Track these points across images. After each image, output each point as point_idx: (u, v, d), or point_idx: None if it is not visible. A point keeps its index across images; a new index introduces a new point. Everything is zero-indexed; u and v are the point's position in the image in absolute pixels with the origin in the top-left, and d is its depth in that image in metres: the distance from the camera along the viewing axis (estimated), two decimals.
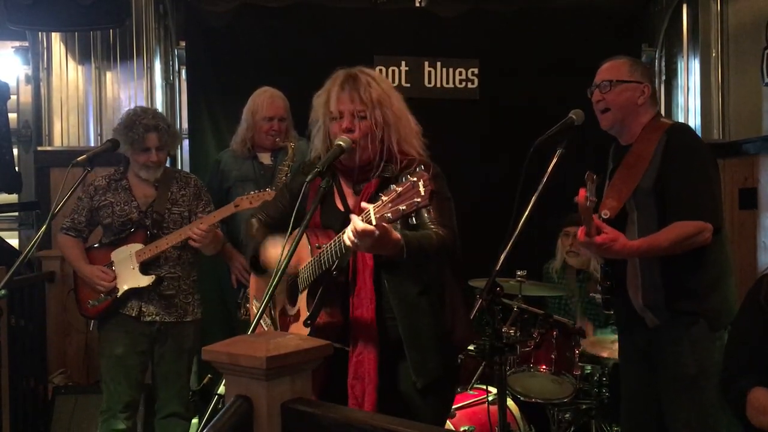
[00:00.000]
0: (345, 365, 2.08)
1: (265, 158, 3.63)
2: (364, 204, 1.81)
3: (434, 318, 2.12)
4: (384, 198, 1.74)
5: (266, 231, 2.30)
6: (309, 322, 2.04)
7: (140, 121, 3.09)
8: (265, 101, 3.57)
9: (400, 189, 1.71)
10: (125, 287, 3.13)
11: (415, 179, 1.69)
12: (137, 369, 3.19)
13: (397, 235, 1.88)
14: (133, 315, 3.14)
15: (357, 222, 1.78)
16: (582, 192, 2.13)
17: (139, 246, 3.14)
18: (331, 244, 1.98)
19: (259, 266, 2.29)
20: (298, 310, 2.16)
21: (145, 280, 3.12)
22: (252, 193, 3.14)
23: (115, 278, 3.13)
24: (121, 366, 3.14)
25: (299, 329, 2.11)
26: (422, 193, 1.67)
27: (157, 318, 3.16)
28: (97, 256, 3.22)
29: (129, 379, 3.15)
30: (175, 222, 3.21)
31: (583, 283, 3.94)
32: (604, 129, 2.61)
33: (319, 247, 2.05)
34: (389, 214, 1.72)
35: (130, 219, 3.16)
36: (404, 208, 1.70)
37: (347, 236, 1.83)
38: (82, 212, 3.21)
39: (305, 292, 2.12)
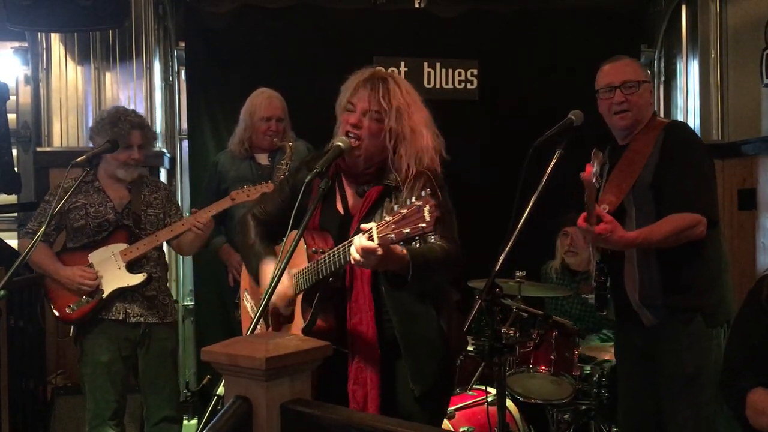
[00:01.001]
0: (341, 368, 2.08)
1: (263, 159, 3.64)
2: (363, 225, 1.81)
3: (431, 325, 2.12)
4: (388, 218, 1.75)
5: (264, 234, 2.28)
6: (307, 330, 2.04)
7: (125, 118, 3.07)
8: (262, 102, 3.57)
9: (404, 211, 1.71)
10: (112, 288, 3.06)
11: (420, 204, 1.69)
12: (122, 374, 3.14)
13: (401, 251, 1.88)
14: (120, 318, 3.09)
15: (362, 240, 1.78)
16: (588, 168, 2.14)
17: (122, 246, 3.09)
18: (330, 254, 1.97)
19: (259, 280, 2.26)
20: (293, 312, 2.15)
21: (135, 279, 3.08)
22: (248, 186, 3.13)
23: (97, 277, 3.05)
24: (107, 373, 3.08)
25: (292, 330, 2.11)
26: (427, 219, 1.68)
27: (142, 319, 3.12)
28: (70, 259, 3.10)
29: (115, 386, 3.11)
30: (152, 223, 3.18)
31: (580, 283, 3.94)
32: (623, 128, 2.58)
33: (316, 252, 2.05)
34: (392, 236, 1.73)
35: (106, 220, 3.10)
36: (408, 231, 1.70)
37: (353, 256, 1.83)
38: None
39: (300, 296, 2.11)
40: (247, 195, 3.08)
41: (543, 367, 3.42)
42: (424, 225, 1.68)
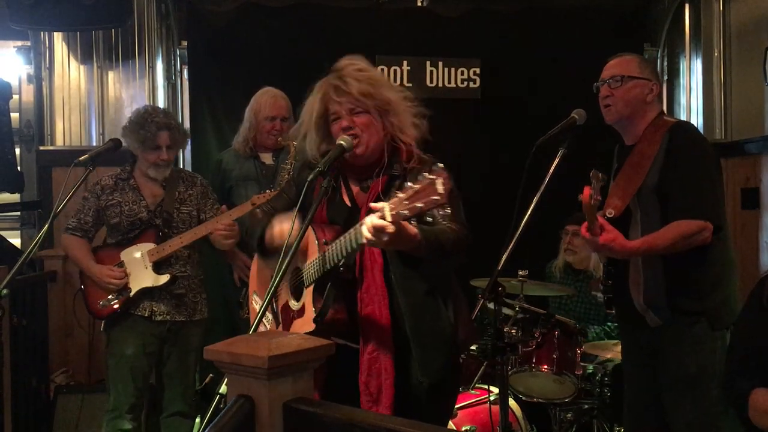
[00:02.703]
0: (351, 363, 2.07)
1: (267, 158, 3.64)
2: (373, 205, 1.81)
3: (440, 317, 2.12)
4: (400, 195, 1.74)
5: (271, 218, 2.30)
6: (319, 319, 2.04)
7: (152, 119, 3.10)
8: (267, 101, 3.57)
9: (417, 186, 1.71)
10: (139, 287, 3.12)
11: (433, 177, 1.69)
12: (145, 370, 3.18)
13: (414, 230, 1.88)
14: (146, 315, 3.13)
15: (373, 219, 1.78)
16: (587, 190, 2.14)
17: (150, 245, 3.13)
18: (340, 240, 1.98)
19: (264, 250, 2.26)
20: (303, 306, 2.15)
21: (160, 279, 3.12)
22: (269, 191, 3.16)
23: (125, 277, 3.11)
24: (130, 367, 3.12)
25: (304, 325, 2.11)
26: (440, 191, 1.67)
27: (168, 317, 3.16)
28: (105, 256, 3.18)
29: (137, 380, 3.14)
30: (184, 221, 3.21)
31: (583, 282, 3.94)
32: (608, 123, 2.60)
33: (327, 243, 2.05)
34: (406, 211, 1.72)
35: (139, 219, 3.15)
36: (422, 205, 1.70)
37: (365, 234, 1.83)
38: (88, 212, 3.19)
39: (311, 288, 2.11)
40: (267, 200, 3.09)
41: (545, 366, 3.41)
42: (437, 197, 1.68)
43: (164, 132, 3.11)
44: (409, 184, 1.73)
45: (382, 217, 1.76)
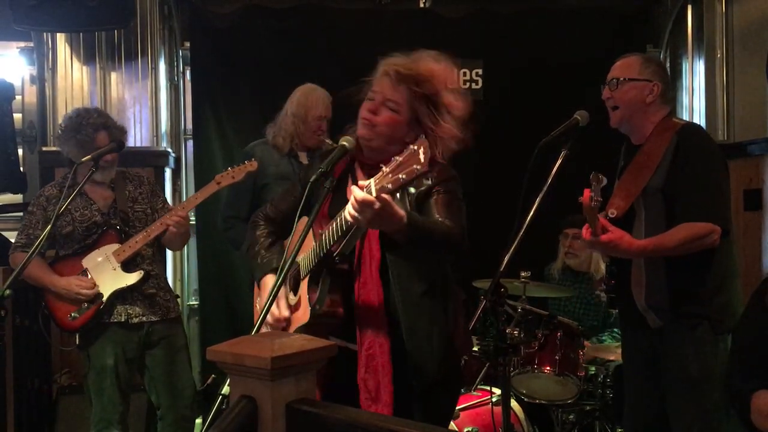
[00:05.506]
0: (350, 363, 2.06)
1: (303, 157, 3.43)
2: (361, 183, 1.78)
3: (435, 320, 2.10)
4: (385, 169, 1.72)
5: (272, 235, 2.28)
6: (317, 307, 2.01)
7: (87, 122, 3.00)
8: (319, 100, 3.39)
9: (400, 158, 1.69)
10: (111, 290, 3.02)
11: (415, 147, 1.66)
12: (127, 377, 3.12)
13: (401, 211, 1.84)
14: (122, 320, 3.05)
15: (356, 192, 1.76)
16: (586, 192, 2.14)
17: (114, 246, 3.04)
18: (331, 224, 1.96)
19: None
20: (299, 299, 2.14)
21: (132, 278, 3.03)
22: (231, 168, 3.06)
23: (95, 284, 3.01)
24: (114, 377, 3.05)
25: (300, 317, 2.10)
26: (422, 161, 1.64)
27: (144, 318, 3.08)
28: (65, 267, 3.06)
29: (122, 389, 3.09)
30: (140, 220, 3.13)
31: (582, 284, 3.94)
32: (613, 126, 2.60)
33: (322, 234, 2.05)
34: (389, 184, 1.70)
35: (94, 222, 3.06)
36: (404, 176, 1.67)
37: (347, 210, 1.81)
38: (37, 226, 3.06)
39: (307, 279, 2.10)
40: (232, 177, 3.00)
41: (548, 368, 3.41)
42: (418, 167, 1.65)
43: (102, 132, 3.01)
44: (395, 157, 1.71)
45: (369, 192, 1.74)
